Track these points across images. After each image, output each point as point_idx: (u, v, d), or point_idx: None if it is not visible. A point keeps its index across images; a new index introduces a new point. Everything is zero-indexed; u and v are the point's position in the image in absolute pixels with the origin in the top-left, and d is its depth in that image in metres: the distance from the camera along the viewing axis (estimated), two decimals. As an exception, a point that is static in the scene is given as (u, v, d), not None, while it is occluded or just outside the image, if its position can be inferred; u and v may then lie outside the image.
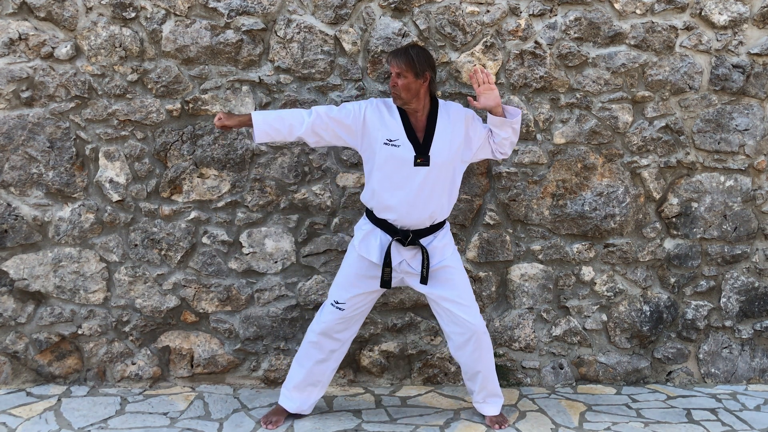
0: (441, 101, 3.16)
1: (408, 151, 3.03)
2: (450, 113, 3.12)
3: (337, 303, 3.16)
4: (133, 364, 3.65)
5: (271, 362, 3.69)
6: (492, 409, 3.30)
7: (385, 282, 3.10)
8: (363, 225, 3.19)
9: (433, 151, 3.04)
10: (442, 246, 3.15)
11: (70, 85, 3.49)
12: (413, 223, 3.08)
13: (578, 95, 3.62)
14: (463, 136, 3.12)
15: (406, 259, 3.12)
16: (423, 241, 3.10)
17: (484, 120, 3.25)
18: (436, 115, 3.09)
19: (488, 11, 3.55)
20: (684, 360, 3.82)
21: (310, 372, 3.24)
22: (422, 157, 3.02)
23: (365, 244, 3.14)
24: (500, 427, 3.23)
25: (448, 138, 3.07)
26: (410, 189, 3.04)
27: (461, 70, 3.57)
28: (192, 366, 3.68)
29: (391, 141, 3.04)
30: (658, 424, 3.30)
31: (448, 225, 3.24)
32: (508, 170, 3.64)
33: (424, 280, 3.10)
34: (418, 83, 3.01)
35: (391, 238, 3.09)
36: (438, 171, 3.05)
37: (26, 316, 3.59)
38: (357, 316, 3.22)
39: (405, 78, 3.00)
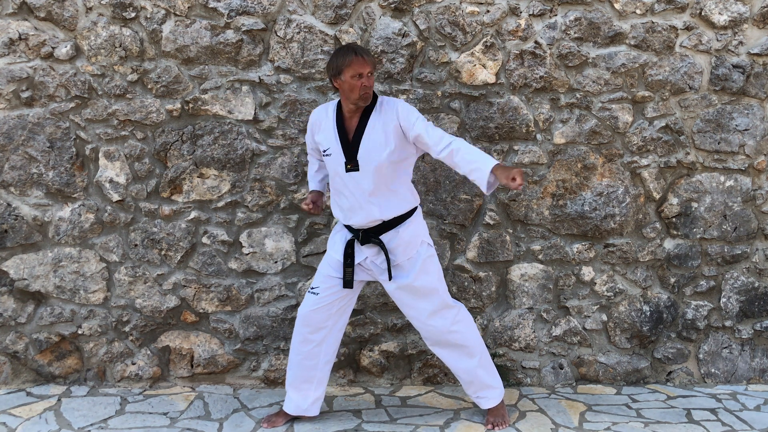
0: (379, 97, 3.07)
1: (339, 158, 3.01)
2: (382, 109, 3.02)
3: (313, 288, 3.15)
4: (133, 364, 3.65)
5: (271, 362, 3.69)
6: (486, 402, 3.25)
7: (347, 282, 3.08)
8: (337, 224, 3.22)
9: (362, 155, 2.98)
10: (406, 243, 3.06)
11: (70, 85, 3.49)
12: (362, 224, 3.05)
13: (578, 95, 3.62)
14: (394, 132, 2.99)
15: (369, 257, 3.10)
16: (384, 237, 3.05)
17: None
18: (368, 115, 3.02)
19: (488, 11, 3.55)
20: (684, 360, 3.82)
21: (299, 366, 3.19)
22: (352, 163, 2.99)
23: (332, 242, 3.18)
24: (494, 428, 3.20)
25: (378, 137, 2.99)
26: (349, 194, 3.03)
27: (461, 70, 3.57)
28: (192, 366, 3.68)
29: (325, 151, 3.07)
30: (658, 424, 3.30)
31: (414, 218, 3.10)
32: (508, 170, 3.64)
33: (390, 276, 3.08)
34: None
35: (351, 237, 3.10)
36: (370, 173, 2.98)
37: (26, 316, 3.59)
38: (334, 305, 3.13)
39: (372, 76, 2.98)
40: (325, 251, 3.63)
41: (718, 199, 3.73)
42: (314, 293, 3.14)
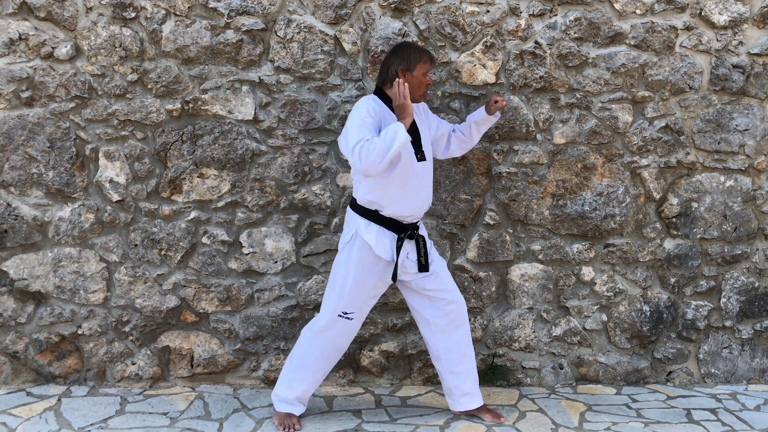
0: None
1: (410, 148, 3.08)
2: (419, 108, 3.23)
3: (347, 314, 3.11)
4: (133, 364, 3.65)
5: (271, 362, 3.69)
6: (476, 400, 3.29)
7: (395, 275, 3.12)
8: (367, 227, 3.06)
9: (425, 146, 3.15)
10: (427, 234, 3.28)
11: (70, 85, 3.49)
12: (417, 216, 3.16)
13: (578, 95, 3.62)
14: (428, 128, 3.27)
15: (408, 252, 3.15)
16: (421, 230, 3.22)
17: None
18: None
19: (488, 11, 3.55)
20: (684, 360, 3.82)
21: (315, 383, 3.23)
22: (420, 153, 3.11)
23: (381, 244, 3.06)
24: (498, 417, 3.27)
25: (426, 131, 3.22)
26: (417, 184, 3.11)
27: (461, 70, 3.57)
28: (192, 366, 3.68)
29: None
30: (658, 424, 3.30)
31: None
32: (508, 170, 3.64)
33: (424, 267, 3.13)
34: None
35: (396, 235, 3.09)
36: (431, 163, 3.19)
37: (26, 316, 3.59)
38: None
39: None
40: (325, 251, 3.63)
41: (718, 199, 3.73)
42: (349, 318, 3.13)
